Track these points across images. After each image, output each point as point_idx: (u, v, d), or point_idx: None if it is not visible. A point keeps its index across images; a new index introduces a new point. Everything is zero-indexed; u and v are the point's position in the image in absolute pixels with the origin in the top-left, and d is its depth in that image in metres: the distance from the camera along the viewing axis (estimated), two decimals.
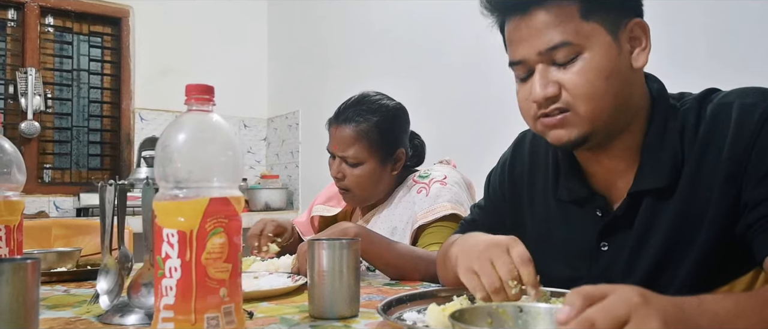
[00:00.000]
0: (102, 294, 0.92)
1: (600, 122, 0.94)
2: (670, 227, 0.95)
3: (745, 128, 0.90)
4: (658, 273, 0.97)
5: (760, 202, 0.87)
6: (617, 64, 0.93)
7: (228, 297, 0.74)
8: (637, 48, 0.96)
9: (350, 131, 1.61)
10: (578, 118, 0.93)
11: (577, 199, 1.06)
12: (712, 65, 1.83)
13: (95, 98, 3.96)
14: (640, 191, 0.98)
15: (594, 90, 0.92)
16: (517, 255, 0.86)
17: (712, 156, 0.92)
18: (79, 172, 3.89)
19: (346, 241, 0.94)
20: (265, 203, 3.95)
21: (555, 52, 0.92)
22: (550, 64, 0.94)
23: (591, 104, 0.92)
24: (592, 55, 0.92)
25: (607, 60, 0.92)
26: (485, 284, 0.85)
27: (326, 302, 0.92)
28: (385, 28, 3.33)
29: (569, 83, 0.92)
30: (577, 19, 0.92)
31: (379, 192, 1.68)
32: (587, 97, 0.92)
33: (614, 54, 0.93)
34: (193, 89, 0.77)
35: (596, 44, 0.92)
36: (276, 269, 1.38)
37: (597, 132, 0.95)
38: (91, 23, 3.93)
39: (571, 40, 0.91)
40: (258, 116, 4.50)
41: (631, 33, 0.95)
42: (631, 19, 0.95)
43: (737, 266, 0.94)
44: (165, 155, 0.73)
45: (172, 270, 0.71)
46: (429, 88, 2.97)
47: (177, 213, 0.72)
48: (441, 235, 1.52)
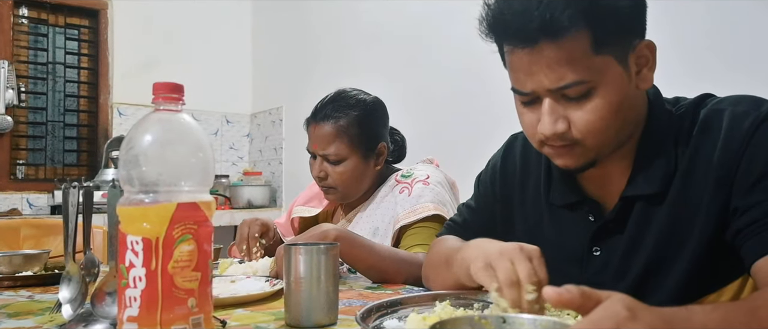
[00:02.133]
0: (64, 303, 0.87)
1: (606, 149, 0.93)
2: (661, 232, 0.95)
3: (736, 135, 0.89)
4: (648, 278, 0.97)
5: (749, 208, 0.87)
6: (627, 93, 0.90)
7: (197, 307, 0.70)
8: (644, 68, 0.92)
9: (330, 129, 1.58)
10: (586, 149, 0.92)
11: (569, 204, 1.05)
12: (704, 66, 1.81)
13: (71, 92, 3.88)
14: (632, 196, 0.97)
15: (605, 125, 0.89)
16: (539, 267, 0.82)
17: (703, 162, 0.92)
18: (54, 168, 3.81)
19: (324, 246, 0.90)
20: (247, 200, 3.90)
21: (567, 90, 0.87)
22: (560, 98, 0.89)
23: (600, 137, 0.90)
24: (605, 91, 0.88)
25: (618, 93, 0.89)
26: (501, 278, 0.80)
27: (303, 310, 0.88)
28: (372, 23, 3.29)
29: (579, 120, 0.89)
30: (589, 54, 0.86)
31: (363, 188, 1.65)
32: (597, 132, 0.90)
33: (625, 83, 0.90)
34: (160, 88, 0.73)
35: (609, 78, 0.88)
36: (254, 272, 1.33)
37: (603, 156, 0.94)
38: (68, 15, 3.84)
39: (584, 78, 0.86)
40: (241, 112, 4.44)
41: (639, 53, 0.92)
42: (640, 42, 0.91)
43: (726, 272, 0.94)
44: (129, 157, 0.69)
45: (136, 280, 0.67)
46: (417, 85, 2.93)
47: (142, 219, 0.67)
48: (423, 236, 1.49)
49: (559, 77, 0.86)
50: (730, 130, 0.90)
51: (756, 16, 1.69)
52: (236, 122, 4.43)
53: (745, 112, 0.90)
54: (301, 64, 3.89)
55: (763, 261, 0.83)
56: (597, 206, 1.02)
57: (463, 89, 2.70)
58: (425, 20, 2.91)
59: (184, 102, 0.74)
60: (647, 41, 0.92)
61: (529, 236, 1.11)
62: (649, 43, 0.92)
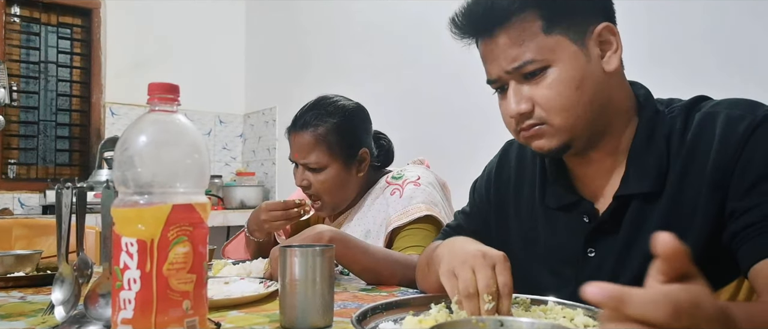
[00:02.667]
0: (57, 305, 0.86)
1: (578, 130, 0.95)
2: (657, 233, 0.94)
3: (731, 138, 0.90)
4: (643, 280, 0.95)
5: (745, 211, 0.86)
6: (587, 72, 0.94)
7: (192, 309, 0.70)
8: (608, 51, 0.96)
9: (309, 137, 1.57)
10: (554, 129, 0.95)
11: (564, 205, 1.06)
12: (693, 68, 1.82)
13: (64, 92, 3.86)
14: (626, 195, 0.97)
15: (566, 101, 0.93)
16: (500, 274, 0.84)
17: (698, 164, 0.92)
18: (46, 168, 3.78)
19: (320, 248, 0.89)
20: (240, 200, 3.88)
21: (522, 69, 0.94)
22: (522, 80, 0.95)
23: (564, 114, 0.94)
24: (560, 68, 0.93)
25: (575, 70, 0.93)
26: (460, 288, 0.84)
27: (298, 312, 0.88)
28: (365, 25, 3.29)
29: (541, 97, 0.94)
30: (540, 36, 0.93)
31: (348, 197, 1.64)
32: (560, 109, 0.93)
33: (582, 62, 0.93)
34: (156, 88, 0.72)
35: (562, 56, 0.93)
36: (248, 273, 1.33)
37: (577, 138, 0.96)
38: (60, 14, 3.82)
39: (536, 57, 0.93)
40: (234, 112, 4.43)
41: (600, 37, 0.95)
42: (598, 24, 0.95)
43: (722, 275, 0.95)
44: (124, 158, 0.68)
45: (131, 282, 0.66)
46: (409, 86, 2.93)
47: (137, 221, 0.67)
48: (416, 237, 1.48)
49: (513, 58, 0.94)
50: (725, 133, 0.90)
51: (752, 18, 1.69)
52: (229, 123, 4.41)
53: (740, 115, 0.91)
54: (294, 65, 3.88)
55: (761, 265, 0.83)
56: (591, 207, 1.02)
57: (455, 91, 2.70)
58: (418, 21, 2.90)
59: (180, 103, 0.73)
60: (606, 24, 0.95)
61: (525, 240, 1.12)
62: (609, 25, 0.95)
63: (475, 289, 0.83)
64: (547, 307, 0.91)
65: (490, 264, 0.84)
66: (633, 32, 1.93)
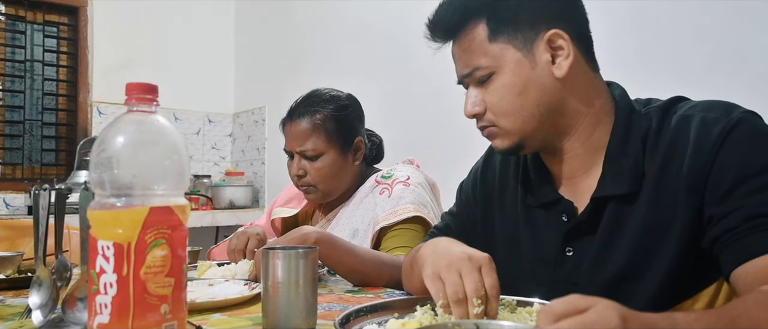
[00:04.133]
0: (34, 309, 0.85)
1: (526, 132, 0.99)
2: (635, 236, 0.95)
3: (706, 142, 0.90)
4: (621, 281, 0.97)
5: (725, 216, 0.87)
6: (531, 78, 0.96)
7: (170, 314, 0.68)
8: (560, 57, 0.96)
9: (306, 124, 1.58)
10: (503, 131, 1.00)
11: (544, 203, 1.06)
12: (679, 67, 1.82)
13: (50, 91, 3.82)
14: (603, 196, 0.97)
15: (508, 106, 0.98)
16: (487, 276, 0.84)
17: (675, 167, 0.92)
18: (32, 168, 3.75)
19: (303, 250, 0.88)
20: (229, 200, 3.86)
21: (472, 75, 1.00)
22: (476, 84, 1.01)
23: (509, 118, 0.98)
24: (504, 75, 0.97)
25: (518, 76, 0.97)
26: (449, 293, 0.83)
27: (281, 315, 0.87)
28: (355, 24, 3.27)
29: (488, 102, 1.00)
30: (486, 44, 0.98)
31: (343, 185, 1.64)
32: (504, 113, 0.98)
33: (526, 69, 0.96)
34: (134, 88, 0.71)
35: (506, 63, 0.97)
36: (233, 275, 1.31)
37: (528, 139, 1.00)
38: (46, 12, 3.78)
39: (480, 64, 0.99)
40: (223, 111, 4.40)
41: (551, 43, 0.96)
42: (547, 31, 0.96)
43: (701, 278, 0.94)
44: (101, 159, 0.67)
45: (107, 286, 0.65)
46: (399, 85, 2.92)
47: (113, 224, 0.66)
48: (404, 238, 1.48)
49: (465, 65, 1.01)
50: (699, 137, 0.91)
51: (739, 18, 1.69)
52: (219, 122, 4.39)
53: (715, 119, 0.91)
54: (284, 64, 3.86)
55: (741, 269, 0.83)
56: (571, 206, 1.03)
57: (445, 90, 2.68)
58: (408, 20, 2.89)
59: (158, 103, 0.72)
60: (555, 31, 0.96)
61: (507, 239, 1.12)
62: (557, 32, 0.96)
63: (463, 294, 0.82)
64: (533, 309, 0.90)
65: (476, 267, 0.84)
66: (619, 32, 1.94)
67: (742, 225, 0.84)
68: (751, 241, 0.83)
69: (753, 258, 0.82)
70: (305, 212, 1.80)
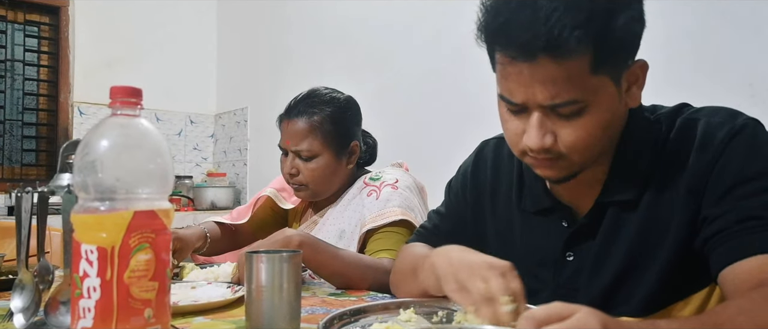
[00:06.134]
0: (16, 313, 0.84)
1: (590, 162, 0.93)
2: (633, 238, 0.96)
3: (709, 146, 0.90)
4: (619, 284, 0.98)
5: (718, 217, 0.87)
6: (617, 111, 0.90)
7: (154, 318, 0.68)
8: (634, 85, 0.92)
9: (303, 124, 1.57)
10: (570, 163, 0.91)
11: (541, 210, 1.06)
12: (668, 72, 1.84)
13: (31, 91, 3.78)
14: (607, 202, 0.98)
15: (593, 141, 0.89)
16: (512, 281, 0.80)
17: (676, 171, 0.93)
18: (12, 168, 3.70)
19: (287, 254, 0.88)
20: (211, 201, 3.85)
21: (560, 108, 0.86)
22: (550, 112, 0.88)
23: (587, 153, 0.90)
24: (597, 110, 0.87)
25: (609, 111, 0.88)
26: (475, 296, 0.79)
27: (264, 319, 0.87)
28: (339, 25, 3.28)
29: (568, 137, 0.88)
30: (587, 75, 0.84)
31: (333, 187, 1.64)
32: (584, 149, 0.89)
33: (616, 102, 0.89)
34: (118, 92, 0.70)
35: (602, 98, 0.86)
36: (216, 278, 1.31)
37: (585, 168, 0.94)
38: (27, 12, 3.74)
39: (579, 97, 0.85)
40: (205, 112, 4.39)
41: (632, 72, 0.90)
42: (635, 62, 0.90)
43: (695, 281, 0.95)
44: (85, 163, 0.67)
45: (91, 290, 0.65)
46: (384, 88, 2.93)
47: (97, 228, 0.65)
48: (390, 241, 1.48)
49: (554, 95, 0.84)
50: (703, 140, 0.91)
51: (726, 23, 1.72)
52: (200, 123, 4.37)
53: (720, 123, 0.91)
54: (267, 65, 3.85)
55: (728, 270, 0.84)
56: (570, 212, 1.03)
57: (430, 92, 2.70)
58: (392, 23, 2.91)
59: (143, 106, 0.72)
60: (641, 61, 0.91)
61: (501, 241, 1.12)
62: (643, 63, 0.91)
63: (491, 294, 0.77)
64: None
65: (498, 274, 0.80)
66: None
67: (733, 227, 0.85)
68: (740, 242, 0.84)
69: (740, 259, 0.83)
70: (295, 210, 1.81)
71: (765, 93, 1.61)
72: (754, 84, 1.63)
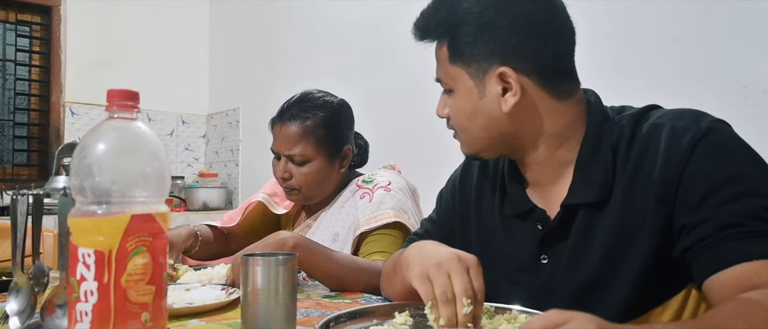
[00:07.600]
0: (12, 316, 0.84)
1: (480, 147, 1.04)
2: (606, 243, 0.96)
3: (674, 151, 0.91)
4: (594, 288, 0.98)
5: (697, 225, 0.88)
6: (479, 107, 0.99)
7: (151, 322, 0.68)
8: (508, 93, 0.97)
9: (296, 129, 1.57)
10: (461, 140, 1.06)
11: (520, 213, 1.07)
12: (655, 74, 1.85)
13: (22, 91, 3.76)
14: (573, 204, 0.99)
15: (460, 124, 1.03)
16: (475, 278, 0.84)
17: (645, 176, 0.94)
18: (4, 168, 3.68)
19: (283, 257, 0.88)
20: (203, 202, 3.84)
21: (440, 83, 1.05)
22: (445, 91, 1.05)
23: (463, 134, 1.04)
24: (457, 96, 1.02)
25: (467, 102, 1.00)
26: (438, 293, 0.82)
27: (260, 322, 0.87)
28: (331, 25, 3.27)
29: (450, 113, 1.05)
30: (447, 63, 1.02)
31: (326, 190, 1.64)
32: (458, 128, 1.04)
33: (474, 98, 0.99)
34: (115, 95, 0.70)
35: (460, 87, 1.01)
36: (210, 280, 1.31)
37: (483, 152, 1.05)
38: (19, 11, 3.72)
39: (442, 78, 1.04)
40: (197, 112, 4.38)
41: (502, 78, 0.97)
42: (497, 67, 0.97)
43: (671, 286, 0.96)
44: (82, 166, 0.67)
45: (88, 294, 0.65)
46: (376, 88, 2.92)
47: (94, 232, 0.65)
48: (383, 243, 1.48)
49: (436, 71, 1.06)
50: (669, 146, 0.92)
51: (714, 25, 1.73)
52: (192, 123, 4.36)
53: (684, 128, 0.92)
54: (259, 65, 3.85)
55: (714, 278, 0.84)
56: (544, 214, 1.04)
57: (423, 93, 2.69)
58: (385, 22, 2.90)
59: (140, 110, 0.72)
60: (502, 69, 0.96)
61: (484, 247, 1.13)
62: (504, 71, 0.96)
63: (452, 294, 0.81)
64: (511, 315, 0.92)
65: (465, 268, 0.84)
66: (595, 40, 1.97)
67: (715, 234, 0.85)
68: (725, 250, 0.84)
69: (727, 268, 0.83)
70: (288, 215, 1.81)
71: (758, 95, 1.63)
72: (747, 86, 1.64)
